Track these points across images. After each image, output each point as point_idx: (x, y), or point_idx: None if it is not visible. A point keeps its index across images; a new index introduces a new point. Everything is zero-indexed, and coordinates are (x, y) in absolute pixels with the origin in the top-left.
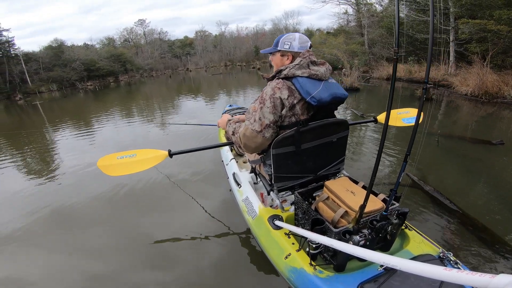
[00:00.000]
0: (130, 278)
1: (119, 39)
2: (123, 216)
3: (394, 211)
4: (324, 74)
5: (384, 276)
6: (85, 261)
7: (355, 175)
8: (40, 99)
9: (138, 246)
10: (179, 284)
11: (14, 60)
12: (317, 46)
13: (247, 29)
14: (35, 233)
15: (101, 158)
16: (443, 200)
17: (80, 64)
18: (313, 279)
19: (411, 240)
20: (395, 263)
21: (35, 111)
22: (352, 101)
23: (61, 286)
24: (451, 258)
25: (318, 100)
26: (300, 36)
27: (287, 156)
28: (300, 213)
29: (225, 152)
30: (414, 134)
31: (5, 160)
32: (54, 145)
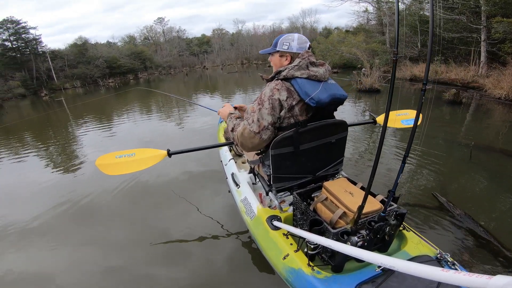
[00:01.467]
0: (130, 274)
1: (140, 37)
2: (131, 211)
3: (392, 212)
4: (323, 75)
5: (382, 277)
6: (101, 253)
7: (353, 176)
8: (65, 95)
9: (138, 245)
10: (177, 283)
11: (41, 58)
12: (335, 44)
13: (264, 27)
14: (55, 224)
15: (99, 157)
16: (474, 228)
17: (103, 61)
18: (311, 280)
19: (409, 241)
20: (392, 264)
21: (59, 107)
22: (372, 104)
23: (78, 277)
24: (449, 259)
25: (317, 101)
26: (299, 36)
27: (286, 157)
28: (299, 213)
29: (224, 152)
30: (412, 135)
31: (30, 153)
32: (76, 139)
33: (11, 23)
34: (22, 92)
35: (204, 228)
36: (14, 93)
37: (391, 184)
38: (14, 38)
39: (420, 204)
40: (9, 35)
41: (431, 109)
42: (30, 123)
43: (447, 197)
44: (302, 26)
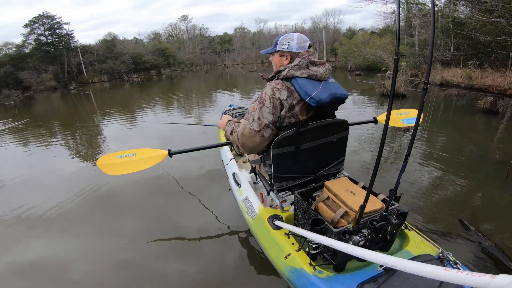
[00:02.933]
0: (131, 268)
1: (164, 34)
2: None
3: (394, 211)
4: (324, 75)
5: (384, 276)
6: (116, 244)
7: (355, 175)
8: (93, 89)
9: (139, 241)
10: (176, 281)
11: (73, 52)
12: (359, 46)
13: (286, 27)
14: (75, 213)
15: (100, 158)
16: (506, 263)
17: (129, 57)
18: (312, 279)
19: (411, 240)
20: (394, 263)
21: (87, 100)
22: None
23: (92, 266)
24: (451, 258)
25: (317, 100)
26: (299, 36)
27: (287, 156)
28: (300, 213)
29: (225, 152)
30: (414, 135)
31: (59, 143)
32: (101, 131)
33: (46, 18)
34: (53, 85)
35: (205, 227)
36: (46, 85)
37: (393, 184)
38: (49, 33)
39: (445, 230)
40: (44, 30)
41: (463, 118)
42: (59, 114)
43: (475, 224)
44: (324, 26)
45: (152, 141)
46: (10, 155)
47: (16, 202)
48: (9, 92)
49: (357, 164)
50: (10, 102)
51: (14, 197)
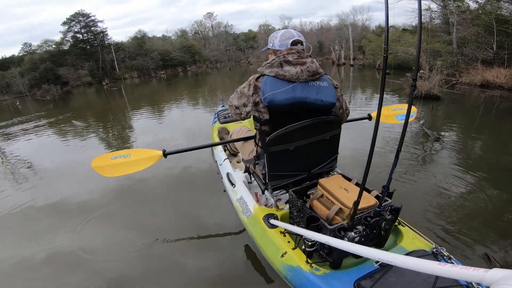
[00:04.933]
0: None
1: (191, 31)
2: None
3: (387, 207)
4: (296, 75)
5: (380, 272)
6: (139, 236)
7: (348, 173)
8: (124, 85)
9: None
10: (173, 284)
11: (106, 49)
12: (389, 43)
13: (311, 24)
14: (103, 204)
15: (95, 159)
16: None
17: (157, 54)
18: (310, 277)
19: (405, 236)
20: (390, 259)
21: (119, 95)
22: (428, 114)
23: (115, 257)
24: (444, 253)
25: (269, 101)
26: (284, 33)
27: (281, 155)
28: (295, 211)
29: (219, 153)
30: (404, 130)
31: (91, 134)
32: (131, 125)
33: (82, 16)
34: (89, 81)
35: (200, 228)
36: (82, 81)
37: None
38: (84, 30)
39: (438, 226)
40: (80, 28)
41: (505, 123)
42: (94, 107)
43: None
44: (351, 23)
45: (178, 135)
46: (48, 146)
47: (49, 191)
48: (49, 87)
49: (351, 161)
50: (46, 98)
51: (47, 185)
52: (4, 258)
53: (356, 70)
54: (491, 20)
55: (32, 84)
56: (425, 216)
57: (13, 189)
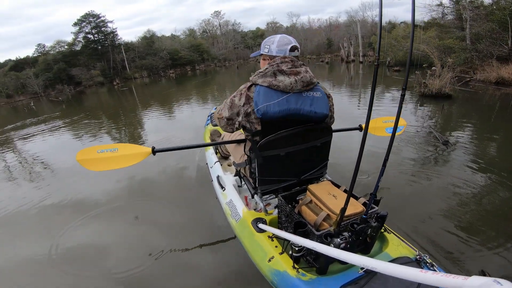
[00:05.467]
0: None
1: (199, 30)
2: None
3: (373, 215)
4: (290, 86)
5: (365, 278)
6: (152, 232)
7: (338, 180)
8: (134, 84)
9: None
10: None
11: (117, 49)
12: (400, 40)
13: (319, 21)
14: (117, 200)
15: (80, 151)
16: None
17: (166, 53)
18: (296, 282)
19: (390, 243)
20: (374, 266)
21: (130, 94)
22: (438, 114)
23: (128, 252)
24: (427, 260)
25: (263, 113)
26: (281, 38)
27: (271, 160)
28: (284, 216)
29: (210, 155)
30: (392, 140)
31: (104, 133)
32: (141, 123)
33: (92, 17)
34: (101, 80)
35: (188, 231)
36: (94, 81)
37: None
38: (95, 31)
39: (422, 232)
40: (91, 28)
41: None
42: (106, 107)
43: None
44: (359, 20)
45: (189, 132)
46: (62, 145)
47: (63, 189)
48: (63, 88)
49: (340, 168)
50: (59, 98)
51: (61, 183)
52: (18, 255)
53: (366, 67)
54: (506, 16)
55: (46, 85)
56: (422, 222)
57: (28, 187)
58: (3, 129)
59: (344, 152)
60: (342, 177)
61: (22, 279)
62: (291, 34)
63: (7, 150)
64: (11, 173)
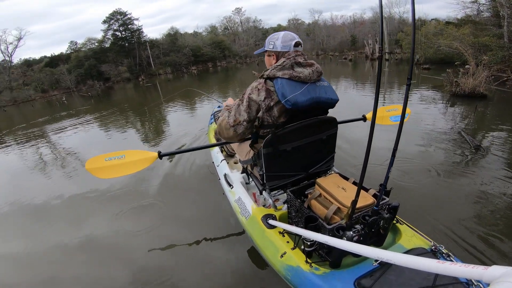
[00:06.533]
0: None
1: (220, 27)
2: None
3: (385, 206)
4: (309, 76)
5: (380, 270)
6: (172, 228)
7: (346, 172)
8: (159, 80)
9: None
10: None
11: (142, 46)
12: (430, 37)
13: (343, 18)
14: (141, 196)
15: (88, 160)
16: None
17: (189, 50)
18: (310, 277)
19: (403, 234)
20: (390, 258)
21: (155, 90)
22: (470, 115)
23: (150, 245)
24: (443, 250)
25: (293, 103)
26: (284, 34)
27: (278, 155)
28: (293, 211)
29: (216, 154)
30: (400, 129)
31: (130, 128)
32: (165, 118)
33: (119, 15)
34: (127, 76)
35: (199, 230)
36: (122, 77)
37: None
38: (122, 28)
39: (436, 223)
40: (119, 26)
41: None
42: (132, 102)
43: None
44: (386, 16)
45: None
46: (91, 139)
47: (92, 180)
48: (93, 83)
49: (348, 160)
50: (88, 93)
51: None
52: (47, 242)
53: (393, 64)
54: None
55: (78, 80)
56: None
57: (61, 178)
58: (37, 120)
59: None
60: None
61: (49, 265)
62: (313, 31)
63: (41, 142)
64: (44, 163)
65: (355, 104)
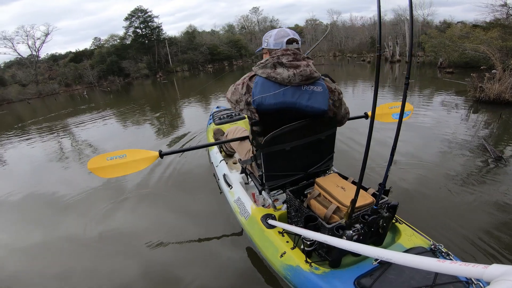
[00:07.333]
0: None
1: (237, 26)
2: None
3: (384, 205)
4: (288, 79)
5: (380, 270)
6: (185, 221)
7: (345, 171)
8: (176, 77)
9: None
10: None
11: (161, 44)
12: (455, 40)
13: (363, 19)
14: (156, 190)
15: (90, 160)
16: None
17: (206, 48)
18: (310, 276)
19: (403, 233)
20: (389, 257)
21: (171, 86)
22: (492, 123)
23: (164, 237)
24: (443, 249)
25: (258, 104)
26: (278, 32)
27: (277, 155)
28: (293, 211)
29: (215, 154)
30: (398, 128)
31: (147, 122)
32: (180, 113)
33: (140, 12)
34: (146, 73)
35: (198, 231)
36: (141, 73)
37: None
38: (143, 26)
39: (435, 222)
40: (140, 23)
41: None
42: (150, 97)
43: None
44: (408, 19)
45: None
46: (109, 132)
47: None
48: (114, 79)
49: (347, 160)
50: (107, 89)
51: None
52: (59, 234)
53: (413, 67)
54: None
55: (100, 76)
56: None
57: (76, 168)
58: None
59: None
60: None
61: (61, 257)
62: (331, 32)
63: (61, 135)
64: (62, 155)
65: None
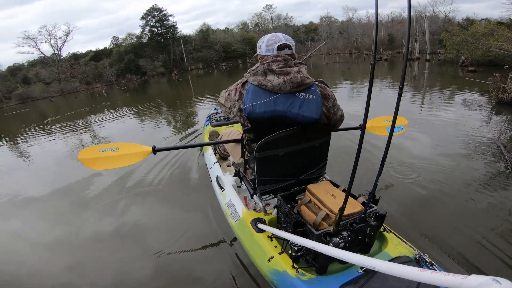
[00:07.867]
0: None
1: (251, 24)
2: None
3: (372, 214)
4: (278, 87)
5: (364, 278)
6: (150, 232)
7: (337, 179)
8: (191, 75)
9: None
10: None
11: (176, 42)
12: (479, 37)
13: (380, 16)
14: (165, 186)
15: (81, 151)
16: None
17: (220, 46)
18: (295, 282)
19: (389, 242)
20: (373, 265)
21: (186, 84)
22: (509, 128)
23: (170, 235)
24: (427, 259)
25: (249, 112)
26: (270, 37)
27: (270, 160)
28: (283, 216)
29: (209, 156)
30: (389, 139)
31: (162, 119)
32: (194, 111)
33: (156, 11)
34: (162, 71)
35: (188, 231)
36: (157, 71)
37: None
38: (158, 24)
39: (421, 232)
40: (155, 22)
41: None
42: (166, 95)
43: None
44: (430, 15)
45: None
46: (125, 129)
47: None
48: (131, 77)
49: (339, 168)
50: (124, 87)
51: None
52: (77, 230)
53: (434, 66)
54: None
55: (118, 74)
56: None
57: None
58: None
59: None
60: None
61: (78, 252)
62: (347, 29)
63: (81, 131)
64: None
65: (390, 109)
